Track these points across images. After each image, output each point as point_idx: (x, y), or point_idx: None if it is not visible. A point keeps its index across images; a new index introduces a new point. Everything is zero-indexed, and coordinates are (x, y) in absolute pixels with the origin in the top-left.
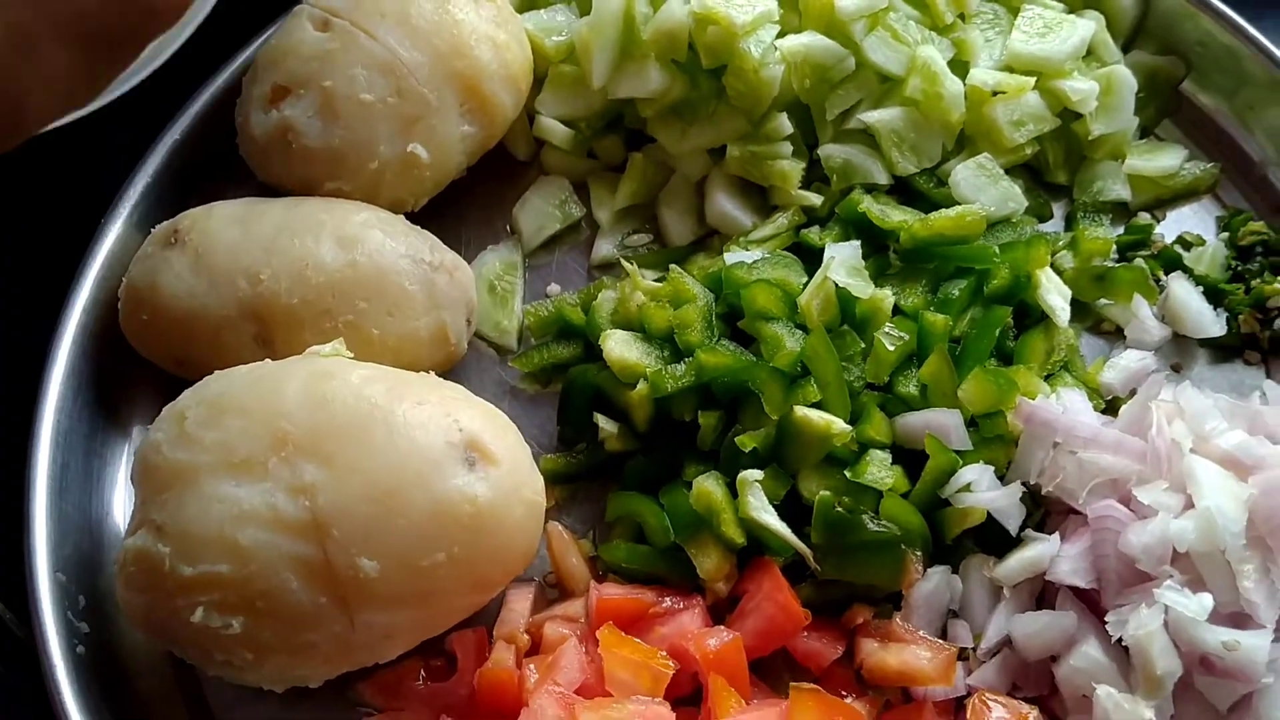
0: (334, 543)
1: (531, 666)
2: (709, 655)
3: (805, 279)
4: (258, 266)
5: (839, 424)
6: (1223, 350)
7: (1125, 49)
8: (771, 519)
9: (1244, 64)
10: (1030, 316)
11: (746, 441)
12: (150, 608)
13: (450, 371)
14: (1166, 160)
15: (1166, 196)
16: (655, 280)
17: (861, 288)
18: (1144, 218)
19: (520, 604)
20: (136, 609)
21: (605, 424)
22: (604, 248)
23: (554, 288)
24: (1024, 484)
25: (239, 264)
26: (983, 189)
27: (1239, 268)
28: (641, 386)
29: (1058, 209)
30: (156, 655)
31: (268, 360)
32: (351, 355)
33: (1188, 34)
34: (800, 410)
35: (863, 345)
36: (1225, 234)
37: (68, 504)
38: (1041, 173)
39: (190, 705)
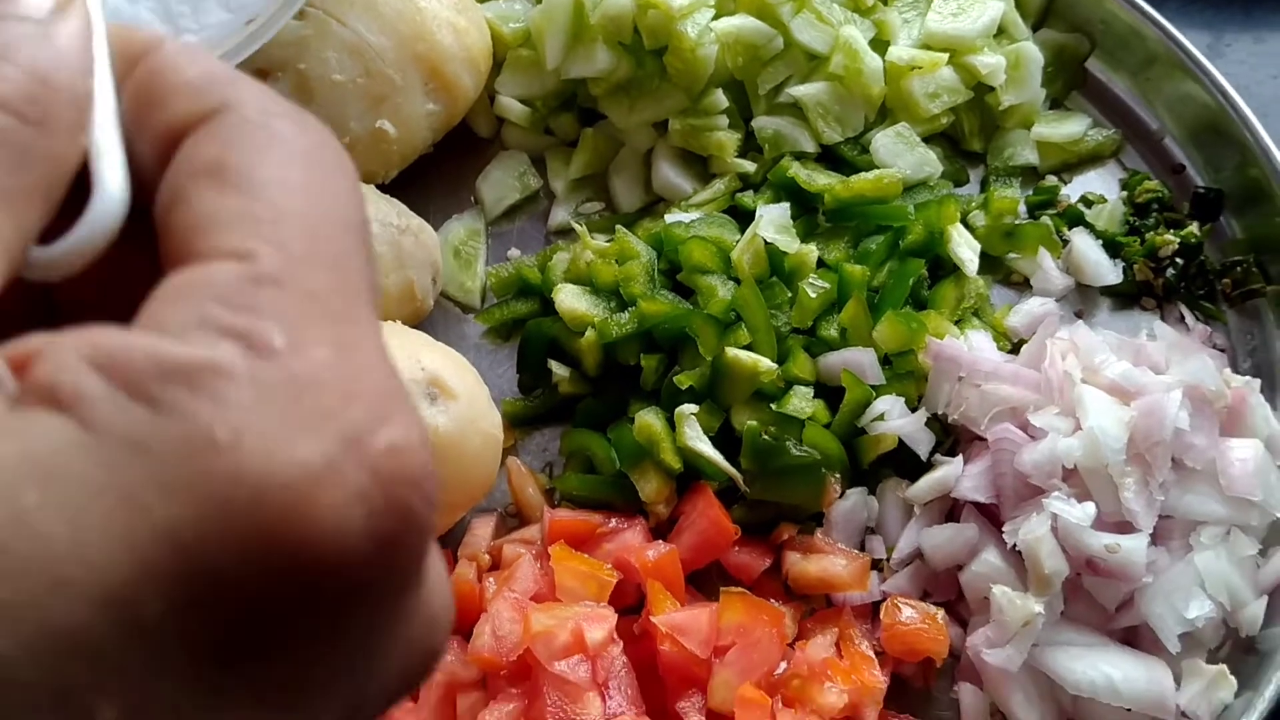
0: None
1: (490, 580)
2: (648, 565)
3: (738, 237)
4: None
5: (766, 363)
6: (1122, 298)
7: (1036, 28)
8: (705, 447)
9: (1144, 41)
10: (944, 269)
11: (684, 380)
12: None
13: (418, 327)
14: (1071, 128)
15: (1072, 161)
16: (605, 242)
17: (788, 243)
18: (1051, 180)
19: (483, 530)
20: None
21: (558, 369)
22: (560, 214)
23: (514, 252)
24: (934, 414)
25: None
26: (900, 155)
27: (1136, 223)
28: (590, 334)
29: (975, 174)
30: None
31: None
32: None
33: (1092, 14)
34: (731, 351)
35: (790, 294)
36: (1124, 193)
37: None
38: (959, 141)
39: None
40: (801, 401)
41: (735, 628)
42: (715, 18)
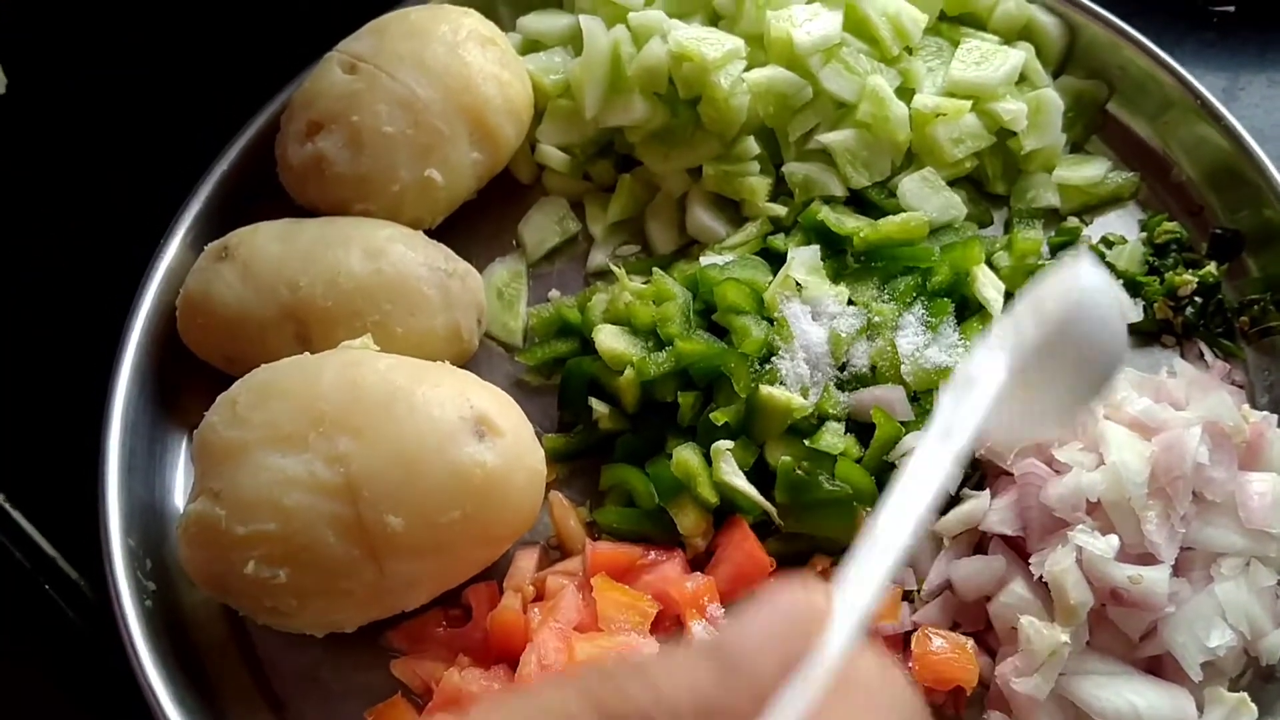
0: (365, 502)
1: (535, 610)
2: (686, 595)
3: (771, 278)
4: (297, 275)
5: (798, 400)
6: (1143, 335)
7: (1056, 74)
8: (741, 482)
9: (1161, 87)
10: (970, 308)
11: (719, 417)
12: (209, 563)
13: (464, 366)
14: (1092, 170)
15: (1093, 203)
16: (642, 283)
17: (819, 284)
18: (1073, 221)
19: (526, 562)
20: (197, 565)
21: (599, 406)
22: (598, 257)
23: (554, 293)
24: None
25: (281, 274)
26: (926, 198)
27: (1155, 263)
28: (629, 373)
29: (999, 216)
30: (214, 609)
31: (306, 354)
32: (378, 348)
33: (1110, 60)
34: (765, 389)
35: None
36: (1144, 234)
37: (135, 483)
38: (982, 184)
39: (243, 652)
40: (833, 438)
41: None
42: (747, 68)
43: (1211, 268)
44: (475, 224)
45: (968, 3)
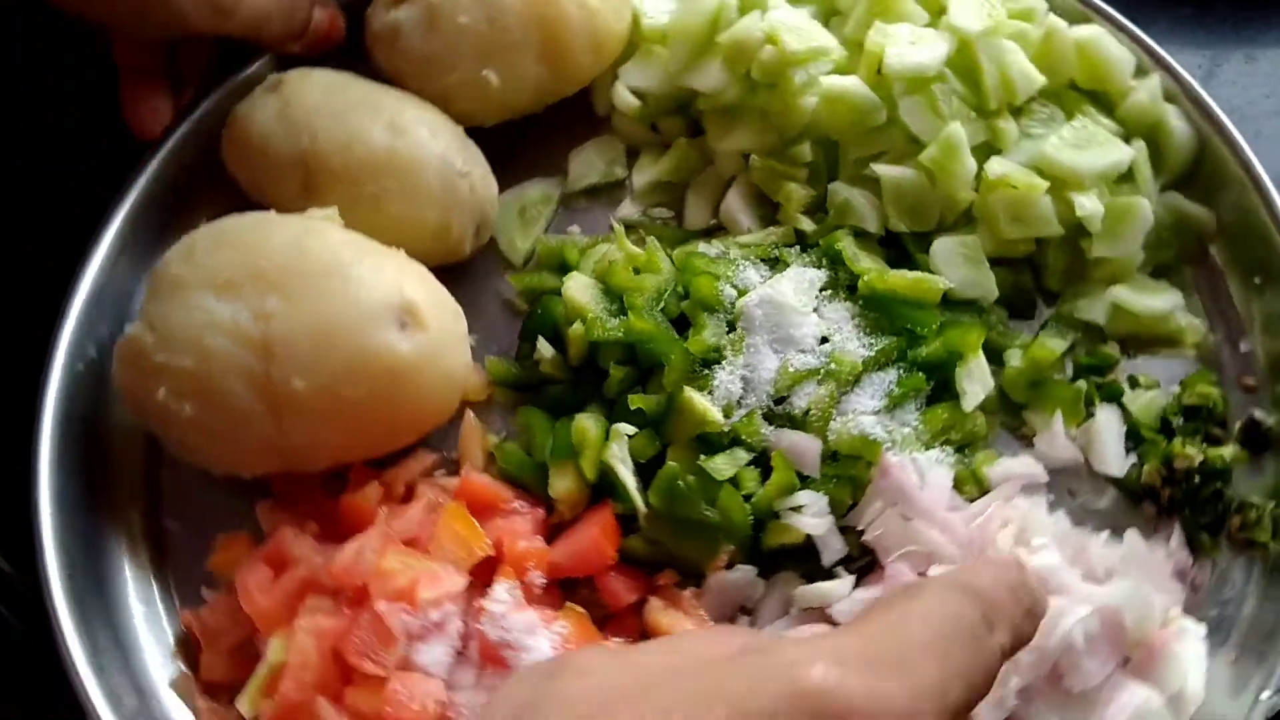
0: (275, 360)
1: (386, 510)
2: (514, 553)
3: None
4: (321, 127)
5: (715, 414)
6: (1125, 491)
7: (1175, 188)
8: (623, 469)
9: (1268, 242)
10: (949, 392)
11: (636, 401)
12: (131, 384)
13: (458, 271)
14: (1158, 302)
15: (1146, 337)
16: (639, 249)
17: (797, 312)
18: (1113, 349)
19: (417, 465)
20: (123, 384)
21: (544, 348)
22: (628, 209)
23: (574, 228)
24: (854, 527)
25: (309, 121)
26: (956, 266)
27: (1176, 423)
28: (578, 326)
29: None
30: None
31: (272, 212)
32: (343, 223)
33: (1231, 196)
34: (689, 392)
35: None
36: (1179, 389)
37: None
38: (1040, 275)
39: (149, 489)
40: (727, 463)
41: (562, 639)
42: (834, 71)
43: (1226, 451)
44: (535, 137)
45: (1104, 79)
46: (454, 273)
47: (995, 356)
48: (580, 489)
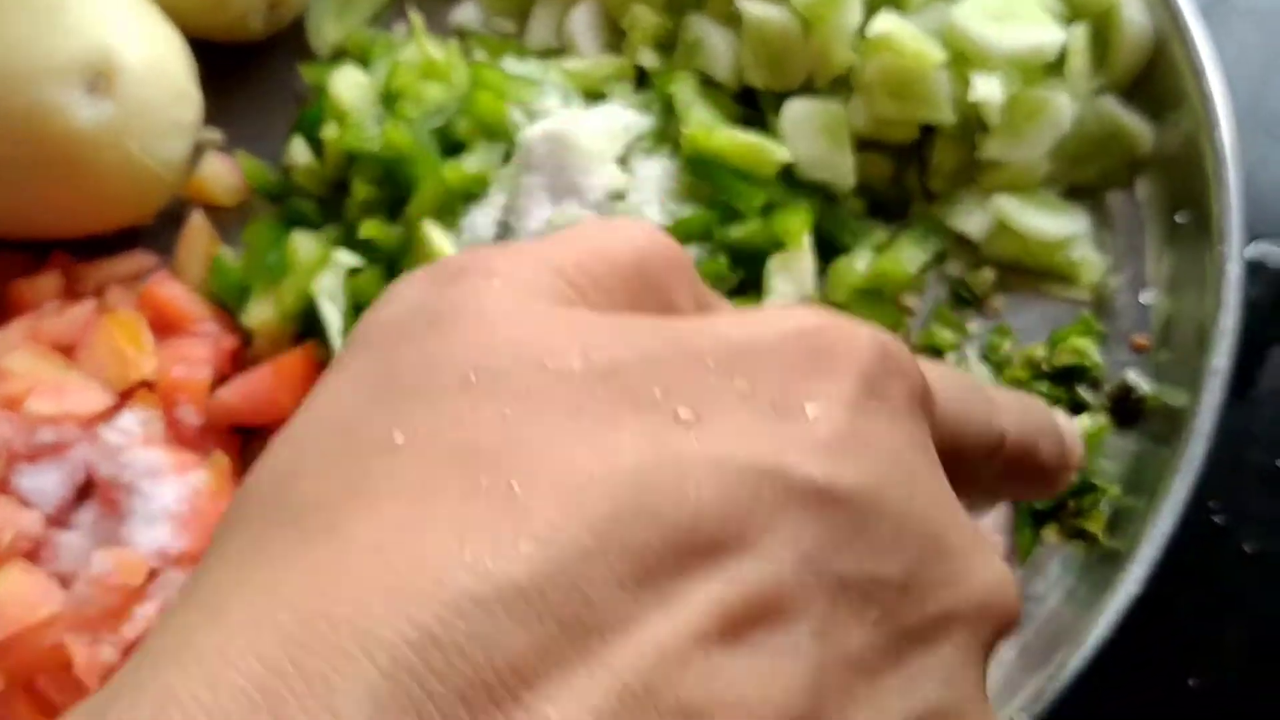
0: None
1: (58, 303)
2: (166, 380)
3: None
4: None
5: (451, 253)
6: None
7: (1116, 94)
8: (329, 304)
9: (1201, 171)
10: (759, 290)
11: (370, 230)
12: None
13: (247, 54)
14: (1053, 225)
15: (1030, 266)
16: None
17: (597, 159)
18: (986, 276)
19: (120, 265)
20: None
21: (299, 152)
22: (465, 12)
23: (403, 24)
24: None
25: None
26: (807, 137)
27: (1032, 386)
28: (334, 129)
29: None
30: None
31: None
32: None
33: (1179, 115)
34: (429, 224)
35: None
36: (1047, 342)
37: None
38: (924, 168)
39: None
40: None
41: (193, 492)
42: None
43: (1090, 419)
44: None
45: None
46: (241, 55)
47: (835, 256)
48: (281, 325)
